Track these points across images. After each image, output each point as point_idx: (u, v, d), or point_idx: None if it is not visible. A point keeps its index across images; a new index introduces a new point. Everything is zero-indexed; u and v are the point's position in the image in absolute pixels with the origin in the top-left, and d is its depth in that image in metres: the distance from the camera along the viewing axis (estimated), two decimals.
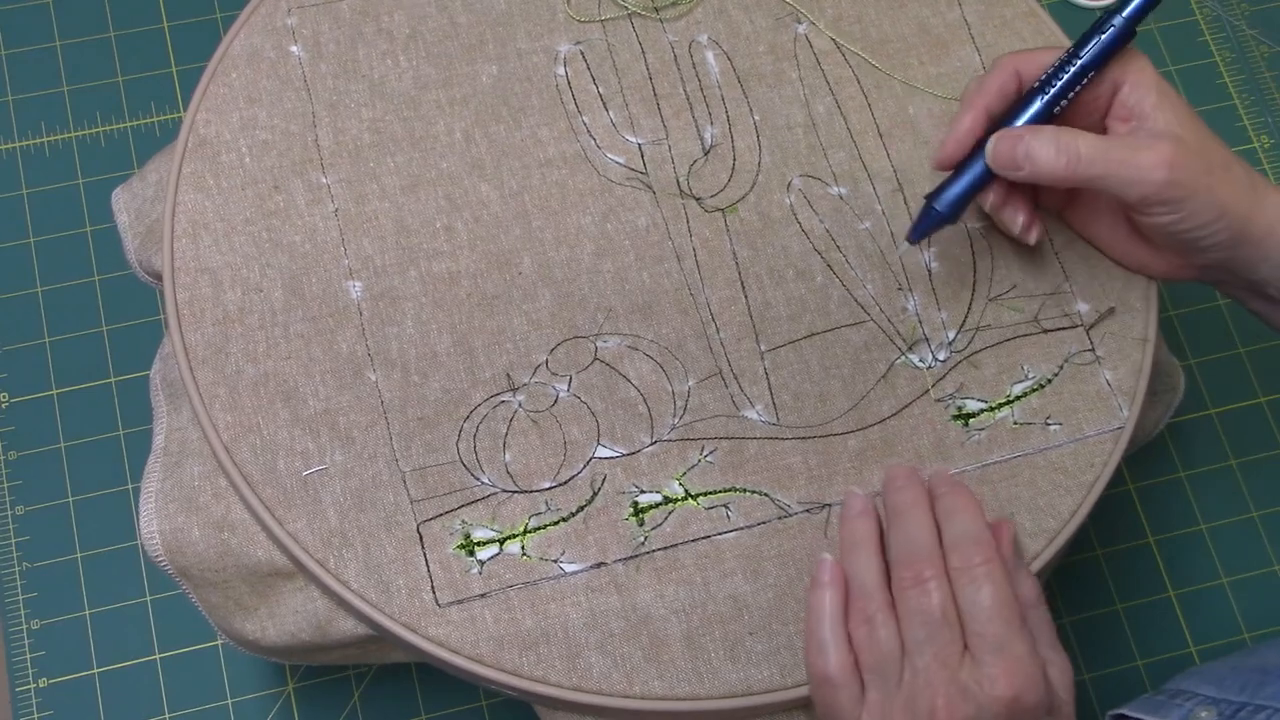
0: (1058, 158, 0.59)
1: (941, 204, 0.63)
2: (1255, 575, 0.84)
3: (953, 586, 0.55)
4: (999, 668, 0.53)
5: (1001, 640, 0.53)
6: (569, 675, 0.58)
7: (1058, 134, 0.60)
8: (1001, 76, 0.63)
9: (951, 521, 0.57)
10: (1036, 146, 0.60)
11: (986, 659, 0.53)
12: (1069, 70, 0.61)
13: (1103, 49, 0.61)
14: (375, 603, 0.59)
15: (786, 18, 0.71)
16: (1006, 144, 0.61)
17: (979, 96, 0.63)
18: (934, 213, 0.63)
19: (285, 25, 0.68)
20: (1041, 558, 0.62)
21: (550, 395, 0.63)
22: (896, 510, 0.58)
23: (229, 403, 0.61)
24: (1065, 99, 0.61)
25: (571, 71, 0.69)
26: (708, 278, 0.66)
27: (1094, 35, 0.61)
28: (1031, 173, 0.60)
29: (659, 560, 0.60)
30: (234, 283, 0.63)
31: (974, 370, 0.65)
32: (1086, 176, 0.60)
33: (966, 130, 0.62)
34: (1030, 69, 0.63)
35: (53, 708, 0.79)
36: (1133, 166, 0.59)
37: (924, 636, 0.54)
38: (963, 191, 0.62)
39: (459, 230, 0.65)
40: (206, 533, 0.61)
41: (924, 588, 0.55)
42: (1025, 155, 0.60)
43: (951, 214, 0.63)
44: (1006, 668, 0.53)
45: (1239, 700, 0.62)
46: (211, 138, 0.66)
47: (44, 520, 0.84)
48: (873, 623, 0.56)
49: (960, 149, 0.63)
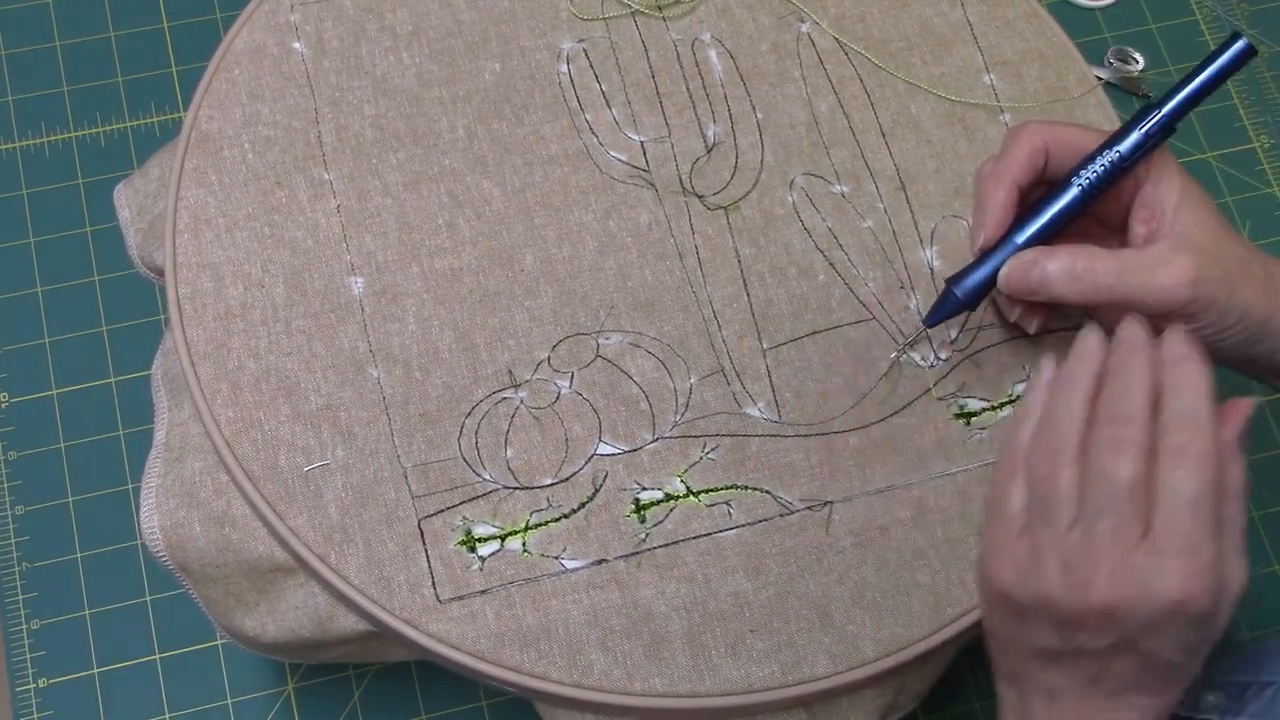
0: (1073, 285, 0.58)
1: (962, 291, 0.61)
2: (1255, 575, 0.84)
3: (1158, 463, 0.51)
4: (1178, 565, 0.49)
5: (1190, 540, 0.50)
6: (570, 672, 0.58)
7: (1073, 258, 0.58)
8: (1030, 148, 0.61)
9: (1177, 395, 0.52)
10: (1052, 273, 0.59)
11: (1169, 552, 0.50)
12: (1107, 165, 0.59)
13: (1146, 145, 0.59)
14: (376, 598, 0.59)
15: (789, 16, 0.71)
16: (1020, 271, 0.60)
17: (1009, 170, 0.61)
18: (953, 298, 0.62)
19: (288, 21, 0.68)
20: None
21: (552, 392, 0.63)
22: (1119, 368, 0.53)
23: (230, 398, 0.61)
24: (1100, 193, 0.60)
25: (574, 69, 0.69)
26: (710, 275, 0.66)
27: (1134, 128, 0.59)
28: (1047, 298, 0.59)
29: (660, 557, 0.60)
30: (236, 278, 0.63)
31: (976, 369, 0.65)
32: (1105, 300, 0.58)
33: (1003, 208, 0.61)
34: (1058, 145, 0.61)
35: (53, 708, 0.79)
36: (1152, 289, 0.57)
37: (1104, 504, 0.51)
38: (985, 279, 0.61)
39: (461, 227, 0.65)
40: (207, 528, 0.61)
41: (1119, 451, 0.51)
42: (1040, 282, 0.59)
43: (972, 302, 0.62)
44: (1185, 568, 0.49)
45: (1243, 680, 0.61)
46: (214, 133, 0.66)
47: (44, 520, 0.83)
48: (1058, 457, 0.52)
49: (1000, 229, 0.61)
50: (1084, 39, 0.97)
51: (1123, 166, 0.59)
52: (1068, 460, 0.52)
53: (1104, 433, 0.51)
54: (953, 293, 0.62)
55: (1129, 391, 0.52)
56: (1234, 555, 0.52)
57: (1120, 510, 0.50)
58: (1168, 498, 0.50)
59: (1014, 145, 0.61)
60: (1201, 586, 0.50)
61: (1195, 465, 0.50)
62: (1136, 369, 0.53)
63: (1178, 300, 0.57)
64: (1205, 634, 0.52)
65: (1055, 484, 0.52)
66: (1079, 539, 0.51)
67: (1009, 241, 0.61)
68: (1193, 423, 0.51)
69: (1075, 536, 0.51)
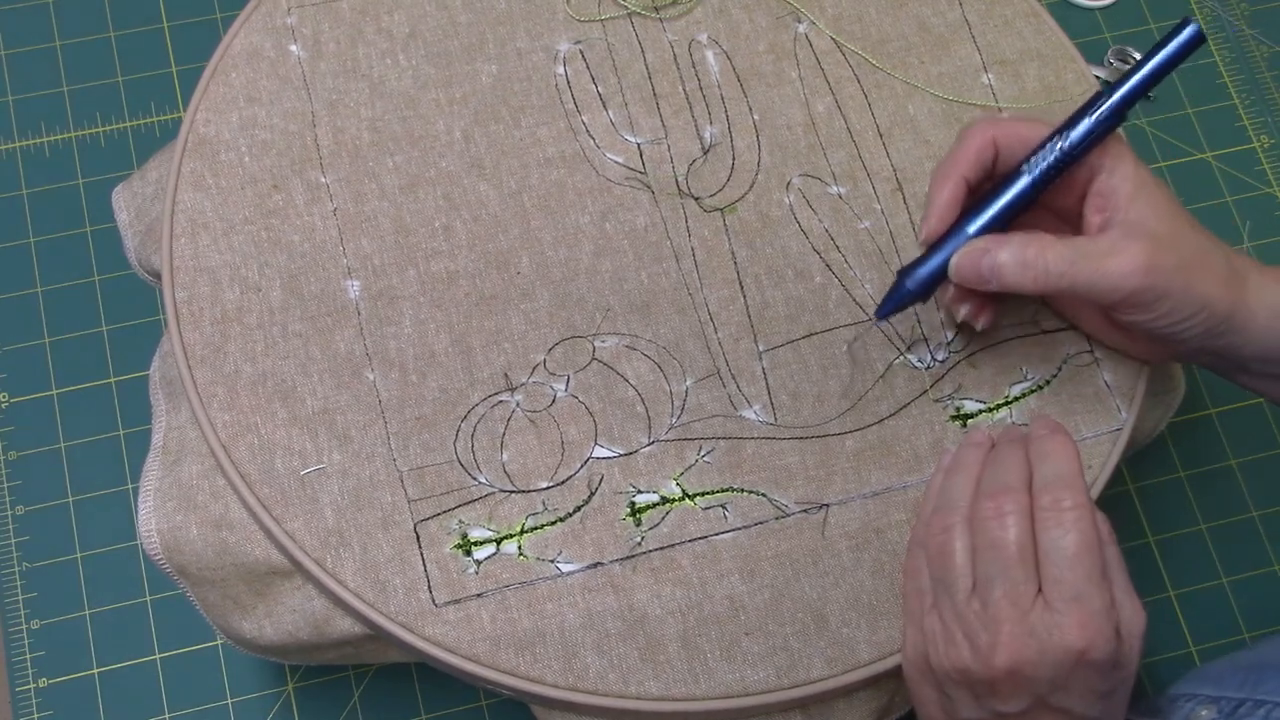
0: (1025, 272, 0.58)
1: (913, 282, 0.61)
2: (1255, 575, 0.84)
3: (1036, 527, 0.54)
4: (1072, 617, 0.52)
5: (1080, 590, 0.52)
6: (565, 675, 0.58)
7: (1024, 246, 0.58)
8: (979, 144, 0.60)
9: (1045, 463, 0.55)
10: (1003, 260, 0.58)
11: (1060, 606, 0.52)
12: (1056, 152, 0.59)
13: (1095, 132, 0.58)
14: (372, 602, 0.59)
15: (787, 17, 0.71)
16: (970, 259, 0.59)
17: (956, 166, 0.60)
18: (905, 290, 0.61)
19: (285, 24, 0.68)
20: None
21: (548, 395, 0.63)
22: (998, 450, 0.58)
23: (227, 402, 0.61)
24: (1050, 184, 0.59)
25: (571, 71, 0.69)
26: (706, 277, 0.66)
27: (1084, 115, 0.59)
28: (999, 287, 0.59)
29: (656, 560, 0.60)
30: (233, 282, 0.63)
31: (973, 371, 0.65)
32: (1056, 288, 0.58)
33: (948, 203, 0.60)
34: (1008, 139, 0.60)
35: (53, 708, 0.79)
36: (1103, 275, 0.57)
37: (996, 571, 0.53)
38: (936, 270, 0.60)
39: (458, 230, 0.65)
40: (204, 531, 0.61)
41: (1003, 520, 0.54)
42: (991, 270, 0.58)
43: (923, 292, 0.61)
44: (1080, 619, 0.52)
45: (1238, 696, 0.61)
46: (211, 137, 0.66)
47: (44, 520, 0.83)
48: (949, 533, 0.55)
49: (945, 224, 0.60)
50: (1084, 39, 0.97)
51: (1074, 155, 0.59)
52: (959, 534, 0.55)
53: (987, 506, 0.55)
54: (903, 284, 0.61)
55: (1007, 465, 0.56)
56: (1125, 596, 0.55)
57: (1011, 574, 0.53)
58: (1051, 555, 0.53)
59: (962, 141, 0.61)
60: (1097, 632, 0.52)
61: (1072, 519, 0.53)
62: (1013, 447, 0.57)
63: (1129, 287, 0.57)
64: (1115, 680, 0.54)
65: (950, 557, 0.55)
66: (978, 607, 0.54)
67: (959, 232, 0.60)
68: (1062, 483, 0.54)
69: (975, 605, 0.54)
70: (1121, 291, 0.57)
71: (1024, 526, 0.54)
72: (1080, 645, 0.52)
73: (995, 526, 0.54)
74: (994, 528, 0.54)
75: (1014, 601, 0.53)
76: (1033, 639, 0.52)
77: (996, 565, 0.53)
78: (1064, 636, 0.52)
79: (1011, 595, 0.53)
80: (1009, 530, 0.54)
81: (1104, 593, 0.53)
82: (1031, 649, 0.52)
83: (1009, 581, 0.53)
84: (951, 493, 0.57)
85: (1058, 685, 0.53)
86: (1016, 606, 0.53)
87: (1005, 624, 0.53)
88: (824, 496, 0.62)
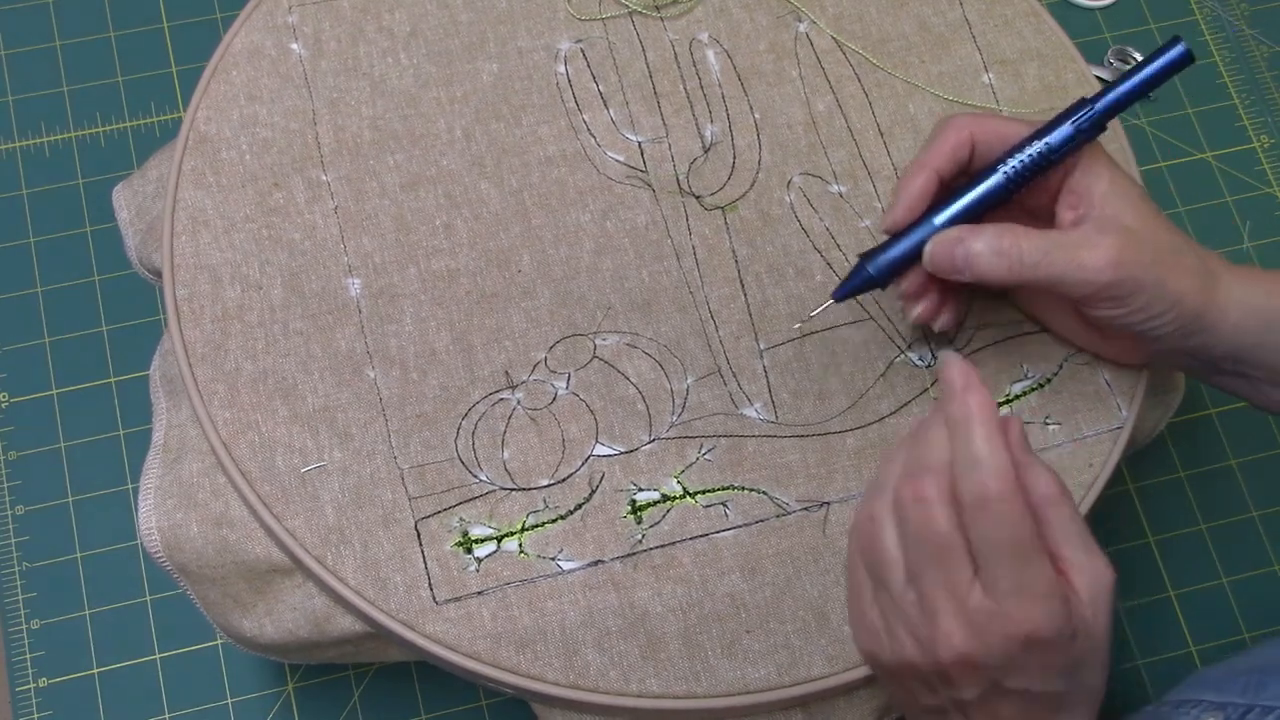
0: (999, 261, 0.57)
1: (874, 267, 0.60)
2: (1255, 575, 0.84)
3: (963, 517, 0.50)
4: (1011, 604, 0.49)
5: (1016, 580, 0.49)
6: (566, 673, 0.58)
7: (999, 235, 0.57)
8: (956, 139, 0.60)
9: (959, 438, 0.51)
10: (978, 250, 0.57)
11: (998, 593, 0.50)
12: (1034, 155, 0.58)
13: (1076, 140, 0.58)
14: (372, 599, 0.59)
15: (787, 16, 0.71)
16: (945, 246, 0.58)
17: (930, 158, 0.60)
18: (864, 273, 0.60)
19: (286, 23, 0.69)
20: None
21: (549, 393, 0.63)
22: (917, 428, 0.54)
23: (227, 399, 0.61)
24: (1025, 185, 0.59)
25: (572, 69, 0.69)
26: (707, 276, 0.66)
27: (1065, 120, 0.58)
28: (972, 276, 0.58)
29: (656, 558, 0.60)
30: (233, 280, 0.63)
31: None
32: (1030, 279, 0.57)
33: (918, 194, 0.59)
34: (985, 136, 0.60)
35: (53, 708, 0.79)
36: (1076, 267, 0.57)
37: (927, 561, 0.51)
38: (899, 257, 0.60)
39: (458, 228, 0.65)
40: (205, 529, 0.61)
41: (925, 505, 0.51)
42: (965, 259, 0.58)
43: (883, 279, 0.60)
44: (1019, 604, 0.49)
45: (1243, 702, 0.61)
46: (212, 135, 0.66)
47: (44, 520, 0.83)
48: (875, 522, 0.53)
49: (911, 214, 0.59)
50: (1084, 39, 0.97)
51: (1051, 159, 0.58)
52: (885, 522, 0.53)
53: (906, 490, 0.52)
54: (864, 268, 0.60)
55: (927, 441, 0.52)
56: (1083, 556, 0.51)
57: (943, 563, 0.51)
58: (982, 549, 0.50)
59: (938, 135, 0.60)
60: (1041, 614, 0.50)
61: (997, 511, 0.49)
62: (934, 418, 0.53)
63: (1103, 280, 0.57)
64: (1075, 652, 0.52)
65: (880, 549, 0.53)
66: (914, 598, 0.52)
67: (926, 222, 0.59)
68: (981, 470, 0.50)
69: (911, 596, 0.52)
70: (1095, 284, 0.57)
71: (948, 512, 0.50)
72: (1025, 630, 0.50)
73: (918, 513, 0.51)
74: (917, 515, 0.51)
75: (950, 590, 0.50)
76: (974, 628, 0.50)
77: (925, 554, 0.51)
78: (1005, 624, 0.50)
79: (947, 584, 0.50)
80: (934, 518, 0.50)
81: (1044, 571, 0.50)
82: (976, 638, 0.50)
83: (941, 570, 0.51)
84: (881, 475, 0.55)
85: (1011, 668, 0.51)
86: (953, 596, 0.50)
87: (943, 616, 0.50)
88: (825, 494, 0.62)
